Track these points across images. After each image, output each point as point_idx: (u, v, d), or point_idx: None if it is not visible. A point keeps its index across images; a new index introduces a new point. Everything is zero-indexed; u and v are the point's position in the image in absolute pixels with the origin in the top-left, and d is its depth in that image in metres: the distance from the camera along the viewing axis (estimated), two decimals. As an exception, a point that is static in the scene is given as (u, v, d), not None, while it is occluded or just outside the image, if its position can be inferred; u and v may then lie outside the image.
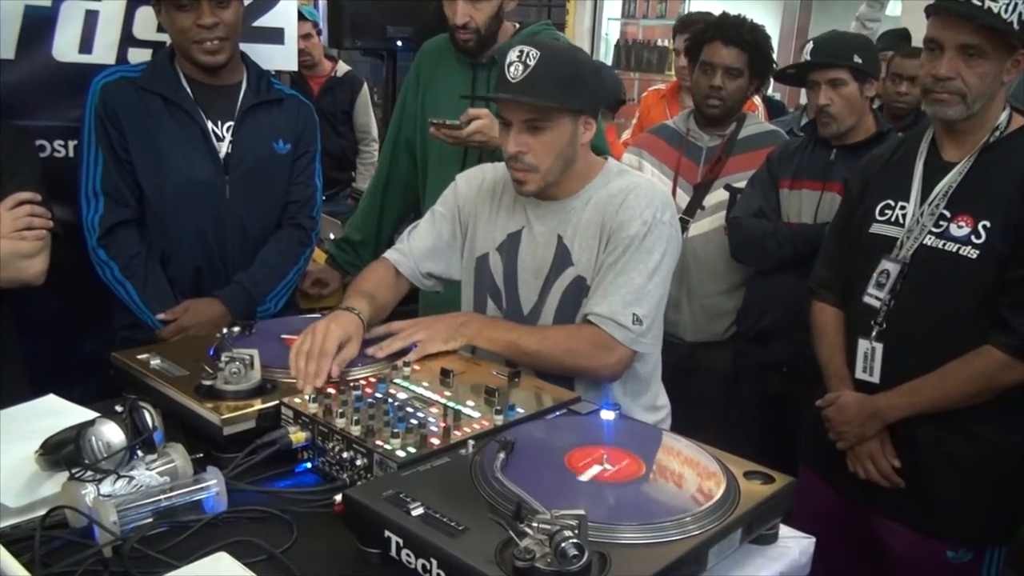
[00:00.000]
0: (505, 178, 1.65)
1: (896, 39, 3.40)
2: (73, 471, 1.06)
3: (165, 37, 2.04)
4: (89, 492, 1.04)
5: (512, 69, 1.46)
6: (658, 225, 1.52)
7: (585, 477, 1.08)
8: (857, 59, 2.11)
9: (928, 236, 1.65)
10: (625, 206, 1.53)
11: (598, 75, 1.62)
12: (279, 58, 2.34)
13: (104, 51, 2.06)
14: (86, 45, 2.04)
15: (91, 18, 2.03)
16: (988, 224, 1.59)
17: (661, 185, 2.04)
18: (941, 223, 1.64)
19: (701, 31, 2.44)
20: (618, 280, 1.51)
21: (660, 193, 1.60)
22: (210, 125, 1.93)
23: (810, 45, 2.19)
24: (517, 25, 2.22)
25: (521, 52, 1.46)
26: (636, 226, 1.51)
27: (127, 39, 2.09)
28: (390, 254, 1.74)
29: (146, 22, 2.09)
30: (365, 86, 4.66)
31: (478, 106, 2.11)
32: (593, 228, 1.56)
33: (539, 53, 1.45)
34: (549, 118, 1.48)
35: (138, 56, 2.09)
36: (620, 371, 1.53)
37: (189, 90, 1.92)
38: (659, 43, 6.57)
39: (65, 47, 2.01)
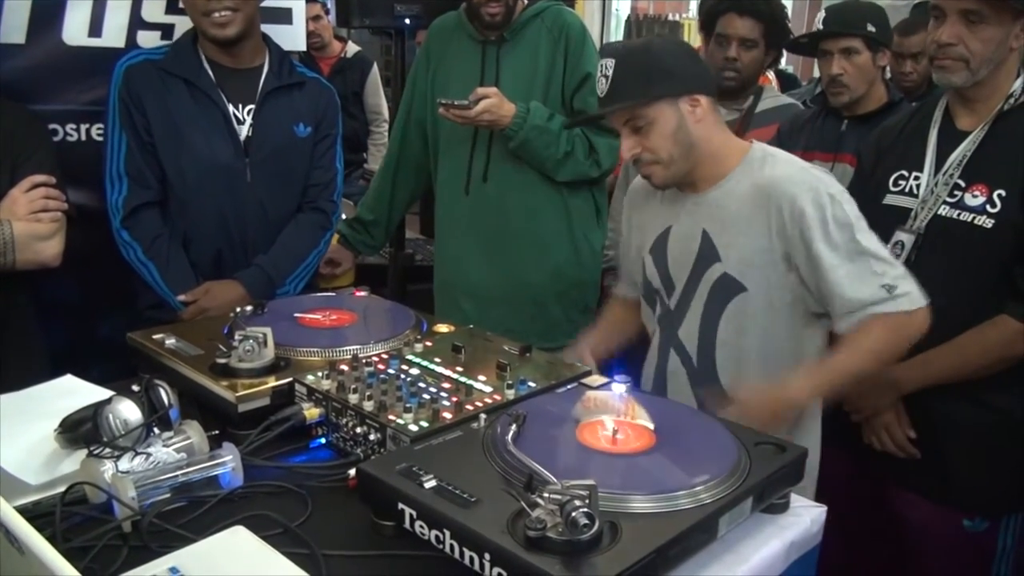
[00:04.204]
0: None
1: (926, 15, 3.31)
2: (92, 448, 1.08)
3: (174, 19, 2.05)
4: (108, 469, 1.05)
5: (599, 86, 1.49)
6: (832, 198, 1.44)
7: (596, 448, 1.09)
8: (871, 27, 2.08)
9: (942, 206, 1.63)
10: (785, 197, 1.44)
11: (678, 54, 1.52)
12: (287, 38, 2.32)
13: (114, 34, 2.06)
14: (96, 28, 2.03)
15: (100, 1, 2.03)
16: (1003, 193, 1.57)
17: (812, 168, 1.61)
18: (956, 192, 1.62)
19: (715, 2, 2.41)
20: (836, 273, 1.42)
21: (816, 174, 1.50)
22: (231, 108, 1.93)
23: (822, 14, 2.16)
24: (526, 1, 2.20)
25: (601, 67, 1.49)
26: (810, 211, 1.42)
27: (136, 22, 2.08)
28: (618, 289, 1.83)
29: (154, 4, 2.09)
30: (375, 67, 4.64)
31: (487, 84, 2.10)
32: (743, 223, 1.49)
33: (613, 61, 1.47)
34: (644, 114, 1.47)
35: (147, 39, 2.09)
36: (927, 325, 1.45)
37: (211, 73, 1.92)
38: (670, 17, 6.50)
39: (75, 31, 2.01)
